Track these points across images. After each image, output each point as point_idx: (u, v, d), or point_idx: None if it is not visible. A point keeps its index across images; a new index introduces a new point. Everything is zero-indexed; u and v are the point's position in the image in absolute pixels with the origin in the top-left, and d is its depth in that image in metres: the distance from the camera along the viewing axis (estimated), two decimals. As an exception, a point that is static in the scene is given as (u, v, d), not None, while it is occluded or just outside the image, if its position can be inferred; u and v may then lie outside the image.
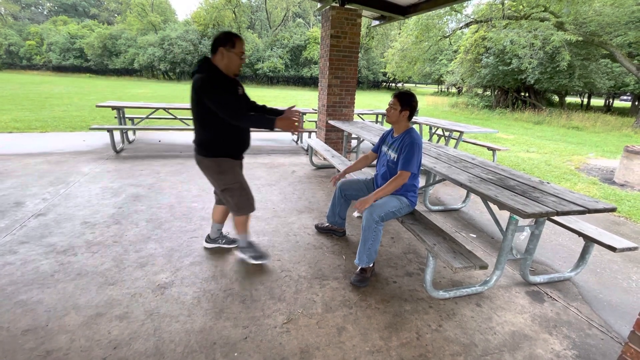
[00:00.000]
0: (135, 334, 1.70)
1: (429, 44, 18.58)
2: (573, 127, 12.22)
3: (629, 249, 2.19)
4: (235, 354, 1.62)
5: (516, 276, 2.44)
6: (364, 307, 2.01)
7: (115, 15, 47.20)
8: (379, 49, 35.37)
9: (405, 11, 4.96)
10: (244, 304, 1.97)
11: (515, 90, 18.37)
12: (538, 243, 2.25)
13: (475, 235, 3.11)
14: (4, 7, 45.15)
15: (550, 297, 2.22)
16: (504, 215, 2.72)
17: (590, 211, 1.87)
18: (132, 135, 6.55)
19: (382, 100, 20.35)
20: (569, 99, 23.06)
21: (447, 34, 18.99)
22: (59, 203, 3.24)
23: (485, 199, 2.07)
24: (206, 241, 2.57)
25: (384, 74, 33.53)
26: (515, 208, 1.82)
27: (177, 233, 2.78)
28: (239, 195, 2.16)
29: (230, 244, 2.58)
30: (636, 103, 17.29)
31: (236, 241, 2.61)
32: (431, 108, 18.24)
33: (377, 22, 5.67)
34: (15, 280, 2.06)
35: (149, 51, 33.19)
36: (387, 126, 6.87)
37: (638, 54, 13.12)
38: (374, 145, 2.69)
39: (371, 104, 17.18)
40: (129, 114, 7.14)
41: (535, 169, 5.67)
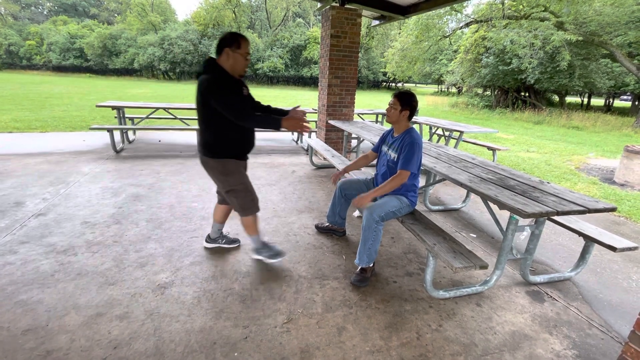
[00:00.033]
0: (136, 334, 1.70)
1: (429, 44, 18.60)
2: (573, 127, 12.21)
3: (629, 249, 2.19)
4: (236, 354, 1.62)
5: (516, 276, 2.44)
6: (364, 307, 2.01)
7: (115, 15, 47.24)
8: (379, 48, 35.37)
9: (405, 11, 4.96)
10: (244, 304, 1.97)
11: (515, 90, 18.37)
12: (538, 243, 2.24)
13: (475, 235, 3.11)
14: (4, 7, 45.17)
15: (551, 297, 2.22)
16: (504, 215, 2.72)
17: (590, 211, 1.87)
18: (132, 135, 6.55)
19: (382, 100, 20.35)
20: (569, 99, 23.07)
21: (447, 34, 19.01)
22: (59, 203, 3.25)
23: (486, 198, 2.07)
24: (206, 241, 2.57)
25: (384, 74, 33.56)
26: (515, 208, 1.82)
27: (177, 233, 2.78)
28: (243, 197, 2.17)
29: (230, 243, 2.58)
30: (636, 103, 17.29)
31: (237, 241, 2.62)
32: (431, 108, 18.24)
33: (377, 22, 5.67)
34: (16, 280, 2.06)
35: (149, 51, 33.22)
36: (387, 126, 6.87)
37: (638, 54, 13.12)
38: (374, 145, 2.69)
39: (371, 104, 17.18)
40: (129, 113, 7.15)
41: (535, 169, 5.67)
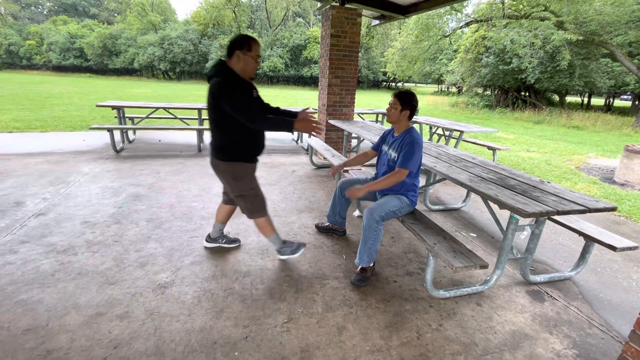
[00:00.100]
0: (136, 334, 1.70)
1: (429, 44, 18.61)
2: (573, 127, 12.21)
3: (629, 249, 2.19)
4: (236, 354, 1.62)
5: (516, 275, 2.44)
6: (364, 307, 2.01)
7: (115, 14, 47.26)
8: (379, 48, 35.38)
9: (405, 10, 4.96)
10: (245, 304, 1.97)
11: (515, 90, 18.36)
12: (538, 242, 2.24)
13: (475, 235, 3.11)
14: (4, 7, 45.17)
15: (551, 297, 2.22)
16: (504, 215, 2.72)
17: (590, 210, 1.87)
18: (132, 135, 6.55)
19: (382, 100, 20.35)
20: (569, 99, 23.06)
21: (447, 34, 19.01)
22: (59, 203, 3.25)
23: (486, 198, 2.07)
24: (206, 240, 2.57)
25: (384, 74, 33.55)
26: (515, 207, 1.82)
27: (178, 232, 2.78)
28: (252, 202, 2.19)
29: (230, 243, 2.58)
30: (636, 102, 17.28)
31: (237, 241, 2.62)
32: (431, 107, 18.23)
33: (377, 22, 5.67)
34: (16, 280, 2.06)
35: (149, 51, 33.23)
36: (387, 125, 6.87)
37: (638, 53, 13.11)
38: (373, 144, 2.69)
39: (371, 104, 17.18)
40: (129, 113, 7.15)
41: (536, 169, 5.67)
